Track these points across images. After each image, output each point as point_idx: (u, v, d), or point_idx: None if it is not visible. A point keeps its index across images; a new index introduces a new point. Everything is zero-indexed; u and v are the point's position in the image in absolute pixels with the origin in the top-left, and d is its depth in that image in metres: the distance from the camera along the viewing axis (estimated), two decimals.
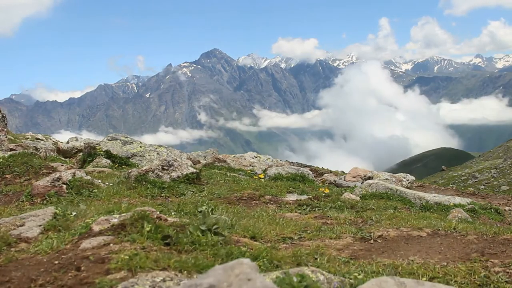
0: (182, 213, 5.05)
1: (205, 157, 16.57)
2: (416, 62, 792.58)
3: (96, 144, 12.16)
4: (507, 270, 3.36)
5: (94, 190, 6.19)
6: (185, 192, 7.02)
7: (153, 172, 7.60)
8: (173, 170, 7.82)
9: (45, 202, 5.60)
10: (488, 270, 3.36)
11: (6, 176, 7.75)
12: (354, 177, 12.02)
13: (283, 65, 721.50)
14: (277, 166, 12.45)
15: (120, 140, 12.89)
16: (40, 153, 11.34)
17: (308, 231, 4.73)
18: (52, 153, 12.53)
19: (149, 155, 12.56)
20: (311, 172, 10.54)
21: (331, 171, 14.84)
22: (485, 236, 4.44)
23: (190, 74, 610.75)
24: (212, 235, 3.24)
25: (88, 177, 6.56)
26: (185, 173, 7.85)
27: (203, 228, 3.27)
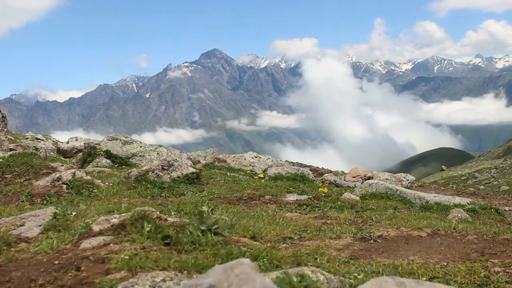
0: (182, 213, 5.05)
1: (205, 157, 16.57)
2: (416, 62, 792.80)
3: (96, 144, 12.16)
4: (507, 270, 3.36)
5: (94, 190, 6.20)
6: (185, 192, 7.01)
7: (153, 172, 7.60)
8: (173, 170, 7.81)
9: (45, 202, 5.60)
10: (488, 270, 3.36)
11: (6, 176, 7.75)
12: (354, 177, 12.02)
13: (283, 65, 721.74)
14: (277, 166, 12.45)
15: (120, 140, 12.89)
16: (40, 153, 11.34)
17: (308, 231, 4.73)
18: (52, 153, 12.54)
19: (149, 155, 12.56)
20: (311, 172, 10.54)
21: (331, 171, 14.84)
22: (485, 236, 4.44)
23: (190, 74, 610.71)
24: (212, 235, 3.24)
25: (88, 177, 6.57)
26: (185, 173, 7.85)
27: (203, 228, 3.27)
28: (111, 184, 6.98)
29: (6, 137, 11.81)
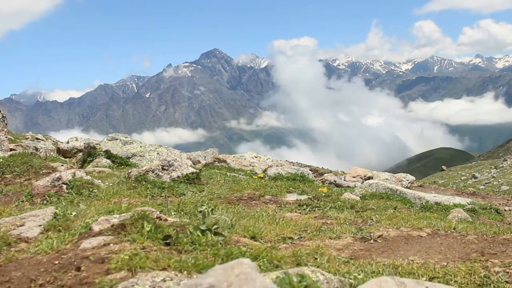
0: (182, 213, 5.05)
1: (205, 157, 16.58)
2: (416, 62, 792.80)
3: (96, 144, 12.17)
4: (507, 270, 3.36)
5: (94, 190, 6.19)
6: (185, 192, 7.01)
7: (153, 172, 7.60)
8: (173, 170, 7.81)
9: (45, 202, 5.60)
10: (488, 270, 3.36)
11: (6, 176, 7.75)
12: (354, 177, 12.02)
13: None
14: (277, 166, 12.45)
15: (120, 140, 12.90)
16: (40, 153, 11.34)
17: (308, 231, 4.73)
18: (52, 153, 12.54)
19: (149, 155, 12.57)
20: (311, 172, 10.54)
21: (331, 171, 14.85)
22: (485, 236, 4.44)
23: (190, 74, 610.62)
24: (212, 235, 3.24)
25: (88, 177, 6.56)
26: (185, 173, 7.85)
27: (203, 228, 3.26)
28: (111, 184, 6.98)
29: (6, 137, 11.81)
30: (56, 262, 2.75)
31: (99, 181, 6.81)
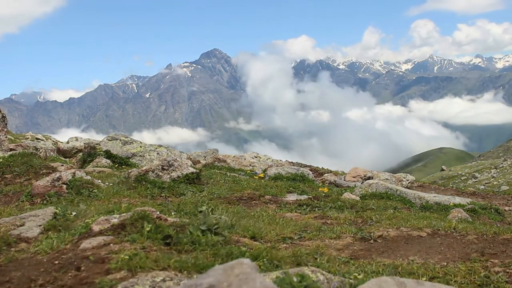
0: (182, 213, 5.05)
1: (205, 157, 16.57)
2: (416, 62, 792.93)
3: (96, 144, 12.16)
4: (507, 270, 3.36)
5: (94, 190, 6.19)
6: (185, 192, 7.01)
7: (153, 172, 7.60)
8: (173, 170, 7.81)
9: (45, 202, 5.60)
10: (488, 270, 3.36)
11: (6, 176, 7.74)
12: (354, 177, 12.02)
13: None
14: (277, 166, 12.45)
15: (120, 140, 12.90)
16: (40, 153, 11.34)
17: (308, 231, 4.73)
18: (52, 153, 12.54)
19: (149, 155, 12.57)
20: (311, 172, 10.54)
21: (331, 171, 14.84)
22: (485, 236, 4.44)
23: (190, 74, 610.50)
24: (212, 235, 3.24)
25: (88, 177, 6.56)
26: (185, 173, 7.85)
27: (203, 228, 3.27)
28: (111, 184, 6.98)
29: (6, 137, 11.81)
30: (56, 262, 2.75)
31: (99, 181, 6.82)
